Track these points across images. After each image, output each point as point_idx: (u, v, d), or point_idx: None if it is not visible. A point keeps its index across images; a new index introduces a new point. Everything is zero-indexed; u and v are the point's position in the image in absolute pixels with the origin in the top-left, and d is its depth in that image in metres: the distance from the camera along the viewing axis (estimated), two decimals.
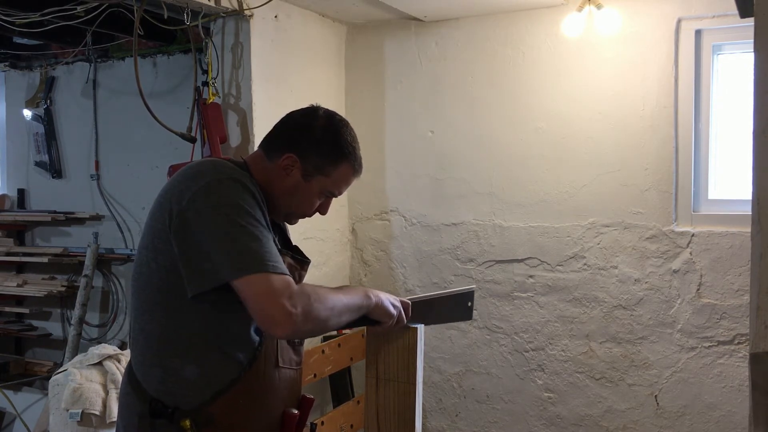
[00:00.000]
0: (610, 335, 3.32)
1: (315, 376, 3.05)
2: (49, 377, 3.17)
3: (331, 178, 1.68)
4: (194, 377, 1.55)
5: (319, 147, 1.66)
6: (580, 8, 3.13)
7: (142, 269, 1.59)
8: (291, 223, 1.80)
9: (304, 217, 1.76)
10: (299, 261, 1.76)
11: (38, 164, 4.26)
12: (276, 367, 1.65)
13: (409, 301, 1.76)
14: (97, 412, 2.93)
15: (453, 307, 1.92)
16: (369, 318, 1.66)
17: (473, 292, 1.95)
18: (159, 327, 1.57)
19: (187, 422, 1.52)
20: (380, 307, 1.65)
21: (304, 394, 1.78)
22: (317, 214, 1.77)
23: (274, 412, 1.67)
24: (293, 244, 1.84)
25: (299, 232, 3.31)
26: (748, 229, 1.42)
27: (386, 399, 1.80)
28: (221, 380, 1.56)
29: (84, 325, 3.83)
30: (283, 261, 1.69)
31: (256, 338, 1.60)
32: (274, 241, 1.60)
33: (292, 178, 1.66)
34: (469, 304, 1.94)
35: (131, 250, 3.87)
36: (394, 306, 1.69)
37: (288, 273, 1.49)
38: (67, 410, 2.91)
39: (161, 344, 1.57)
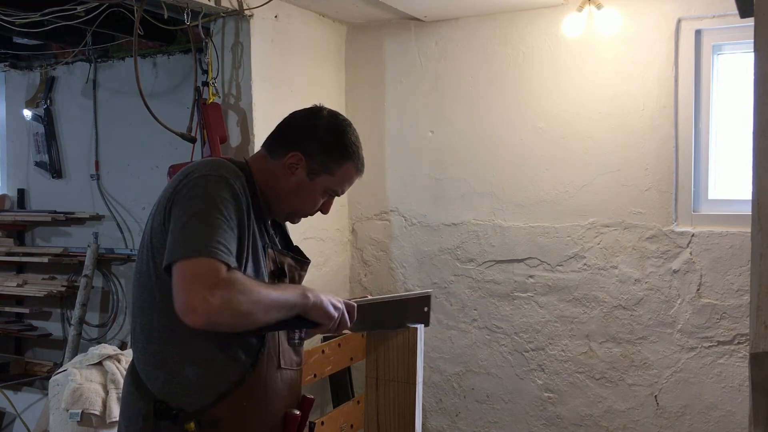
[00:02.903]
0: (610, 335, 3.32)
1: (315, 376, 3.05)
2: (49, 377, 3.17)
3: (335, 176, 1.69)
4: (197, 378, 1.55)
5: (324, 146, 1.67)
6: (580, 8, 3.13)
7: (142, 269, 1.59)
8: (293, 223, 1.80)
9: (306, 216, 1.76)
10: (299, 261, 1.76)
11: (38, 164, 4.26)
12: (278, 369, 1.65)
13: (355, 304, 1.67)
14: (97, 412, 2.93)
15: (407, 312, 1.82)
16: (306, 318, 1.57)
17: (430, 296, 1.86)
18: (160, 327, 1.57)
19: (192, 425, 1.52)
20: (318, 307, 1.56)
21: (305, 395, 1.78)
22: (318, 213, 1.77)
23: (277, 413, 1.67)
24: (294, 244, 1.85)
25: (299, 232, 3.31)
26: (748, 229, 1.42)
27: (386, 399, 1.80)
28: (224, 382, 1.56)
29: (84, 325, 3.83)
30: (283, 262, 1.69)
31: (258, 339, 1.60)
32: (274, 242, 1.60)
33: (296, 176, 1.66)
34: (426, 309, 1.84)
35: (131, 250, 3.87)
36: (335, 308, 1.59)
37: (225, 260, 1.42)
38: (67, 410, 2.91)
39: (162, 344, 1.57)
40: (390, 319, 1.80)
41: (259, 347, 1.60)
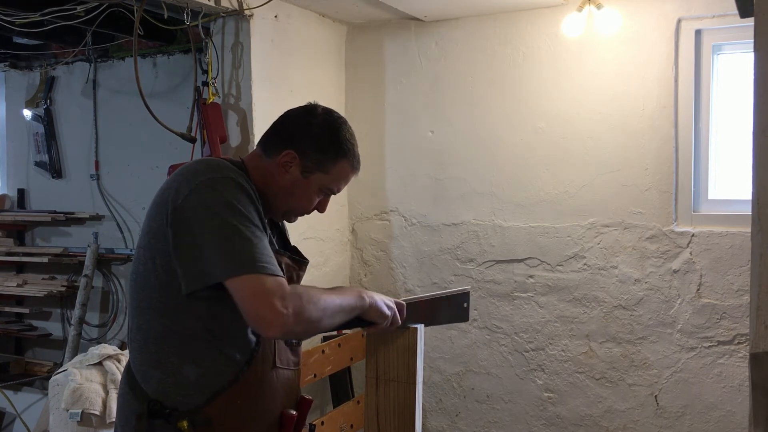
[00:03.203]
0: (610, 335, 3.32)
1: (315, 376, 3.05)
2: (49, 377, 3.17)
3: (330, 175, 1.69)
4: (192, 377, 1.55)
5: (318, 144, 1.66)
6: (580, 8, 3.13)
7: (139, 268, 1.59)
8: (290, 222, 1.80)
9: (302, 214, 1.76)
10: (297, 261, 1.76)
11: (38, 164, 4.26)
12: (274, 368, 1.65)
13: (404, 302, 1.75)
14: (97, 412, 2.93)
15: (449, 309, 1.91)
16: (363, 319, 1.66)
17: (468, 293, 1.93)
18: (156, 326, 1.56)
19: (185, 423, 1.52)
20: (374, 308, 1.65)
21: (303, 395, 1.78)
22: (315, 212, 1.77)
23: (272, 413, 1.66)
24: (292, 244, 1.85)
25: (299, 232, 3.31)
26: (748, 229, 1.42)
27: (386, 399, 1.80)
28: (219, 381, 1.56)
29: (84, 325, 3.83)
30: (281, 261, 1.69)
31: (254, 339, 1.59)
32: (271, 241, 1.60)
33: (291, 175, 1.66)
34: (465, 305, 1.92)
35: (131, 250, 3.87)
36: (388, 307, 1.68)
37: (281, 274, 1.49)
38: (67, 410, 2.91)
39: (158, 344, 1.57)
40: (434, 315, 1.87)
41: (254, 346, 1.60)
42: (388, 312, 1.67)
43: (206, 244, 1.47)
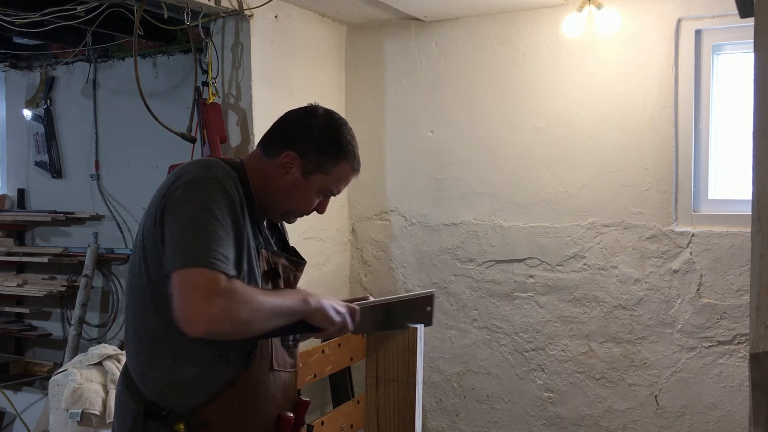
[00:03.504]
0: (610, 335, 3.32)
1: (315, 376, 3.05)
2: (49, 377, 3.17)
3: (330, 176, 1.68)
4: (188, 379, 1.54)
5: (319, 145, 1.65)
6: (580, 8, 3.13)
7: (135, 269, 1.59)
8: (289, 222, 1.80)
9: (302, 215, 1.75)
10: (294, 262, 1.75)
11: (38, 164, 4.26)
12: (270, 370, 1.64)
13: (357, 307, 1.66)
14: (97, 412, 2.93)
15: (410, 313, 1.81)
16: (308, 324, 1.56)
17: (433, 295, 1.85)
18: (152, 327, 1.56)
19: (181, 425, 1.52)
20: (320, 312, 1.55)
21: (300, 397, 1.77)
22: (315, 213, 1.76)
23: (269, 415, 1.66)
24: (291, 245, 1.84)
25: (299, 232, 3.31)
26: (748, 229, 1.42)
27: (386, 399, 1.80)
28: (215, 383, 1.55)
29: (84, 325, 3.83)
30: (277, 263, 1.68)
31: (250, 341, 1.59)
32: (269, 242, 1.59)
33: (291, 176, 1.65)
34: (429, 308, 1.83)
35: (131, 250, 3.86)
36: (338, 312, 1.58)
37: (227, 271, 1.43)
38: (67, 410, 2.91)
39: (154, 345, 1.56)
40: (393, 320, 1.79)
41: (251, 349, 1.59)
42: (336, 317, 1.58)
43: (168, 239, 1.47)
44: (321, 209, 1.76)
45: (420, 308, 1.83)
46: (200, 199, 1.48)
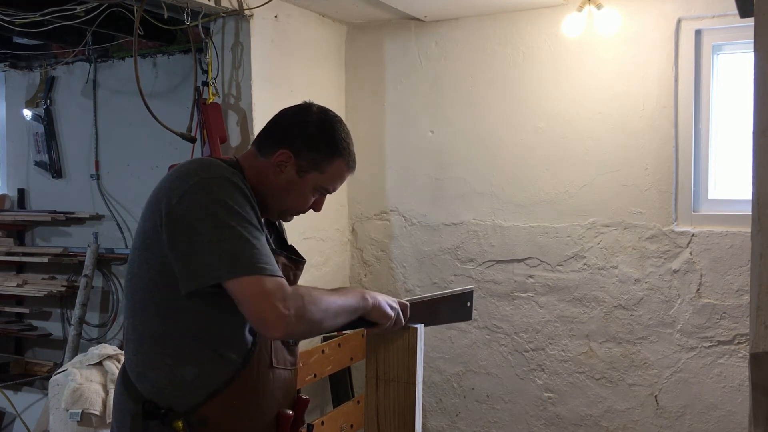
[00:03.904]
0: (610, 335, 3.32)
1: (315, 376, 3.05)
2: (49, 377, 3.17)
3: (325, 174, 1.68)
4: (187, 378, 1.54)
5: (313, 143, 1.65)
6: (580, 8, 3.13)
7: (134, 269, 1.59)
8: (285, 221, 1.80)
9: (298, 213, 1.75)
10: (294, 261, 1.76)
11: (38, 164, 4.26)
12: (270, 368, 1.64)
13: (408, 303, 1.75)
14: (97, 412, 2.93)
15: (452, 308, 1.91)
16: (366, 320, 1.65)
17: (472, 291, 1.93)
18: (151, 327, 1.56)
19: (180, 423, 1.52)
20: (377, 308, 1.64)
21: (300, 395, 1.78)
22: (312, 211, 1.76)
23: (269, 413, 1.66)
24: (289, 243, 1.84)
25: (299, 232, 3.31)
26: (748, 229, 1.42)
27: (386, 399, 1.80)
28: (214, 381, 1.55)
29: (84, 325, 3.83)
30: (277, 261, 1.69)
31: (250, 339, 1.59)
32: (268, 240, 1.59)
33: (286, 174, 1.65)
34: (468, 304, 1.92)
35: (130, 251, 3.86)
36: (391, 307, 1.68)
37: (280, 274, 1.48)
38: (67, 410, 2.91)
39: (154, 345, 1.56)
40: (438, 314, 1.88)
41: (250, 347, 1.59)
42: (391, 312, 1.67)
43: (204, 245, 1.46)
44: (317, 207, 1.76)
45: (461, 303, 1.92)
46: (220, 201, 1.48)
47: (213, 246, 1.45)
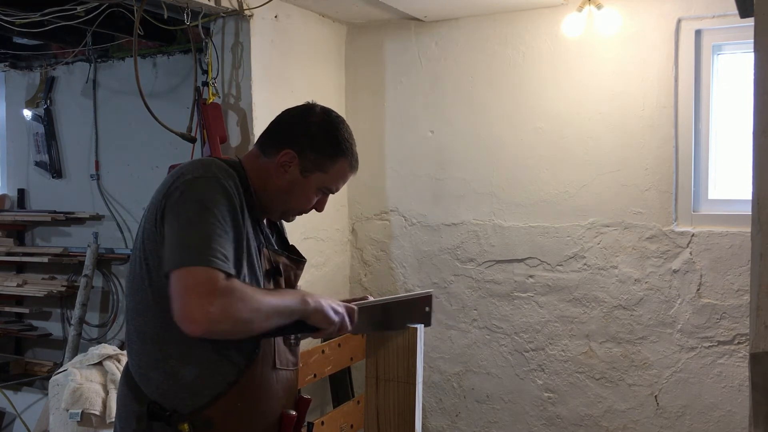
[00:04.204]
0: (610, 335, 3.32)
1: (315, 376, 3.05)
2: (49, 377, 3.17)
3: (328, 174, 1.68)
4: (191, 379, 1.54)
5: (317, 143, 1.65)
6: (580, 8, 3.13)
7: (135, 270, 1.59)
8: (288, 221, 1.80)
9: (301, 214, 1.75)
10: (294, 261, 1.75)
11: (38, 164, 4.26)
12: (273, 369, 1.64)
13: (355, 307, 1.66)
14: (97, 412, 2.93)
15: (408, 313, 1.82)
16: (307, 324, 1.57)
17: (431, 296, 1.86)
18: (154, 328, 1.56)
19: (186, 426, 1.52)
20: (319, 312, 1.56)
21: (302, 395, 1.78)
22: (314, 211, 1.76)
23: (272, 413, 1.66)
24: (290, 243, 1.84)
25: (299, 232, 3.31)
26: (748, 229, 1.42)
27: (386, 399, 1.80)
28: (218, 383, 1.55)
29: (84, 325, 3.83)
30: (278, 261, 1.69)
31: (253, 340, 1.59)
32: (248, 245, 1.57)
33: (289, 174, 1.65)
34: (427, 309, 1.84)
35: (131, 251, 3.86)
36: (336, 312, 1.59)
37: (226, 270, 1.43)
38: (67, 410, 2.91)
39: (156, 346, 1.56)
40: (391, 320, 1.79)
41: (254, 348, 1.59)
42: (334, 317, 1.58)
43: (168, 238, 1.47)
44: (320, 207, 1.76)
45: (419, 308, 1.84)
46: (200, 199, 1.48)
47: (173, 238, 1.46)
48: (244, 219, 1.54)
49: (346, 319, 1.62)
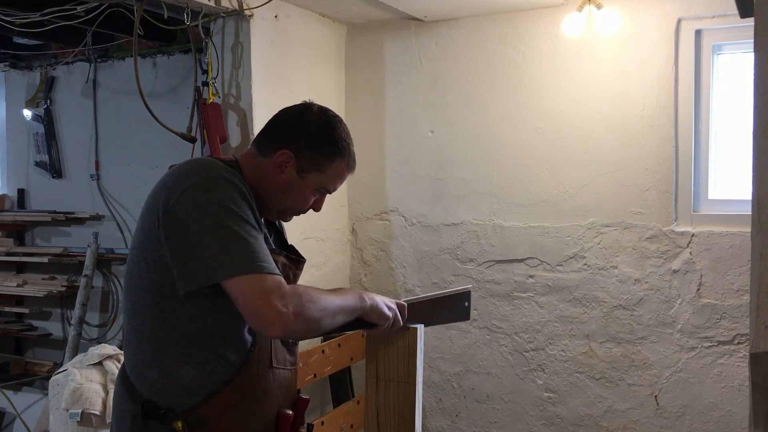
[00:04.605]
0: (610, 335, 3.32)
1: (315, 376, 3.05)
2: (49, 377, 3.17)
3: (325, 174, 1.68)
4: (187, 378, 1.54)
5: (314, 143, 1.65)
6: (580, 8, 3.13)
7: (133, 270, 1.58)
8: (285, 221, 1.80)
9: (298, 213, 1.75)
10: (294, 260, 1.76)
11: (38, 164, 4.26)
12: (270, 368, 1.64)
13: (405, 303, 1.74)
14: (97, 412, 2.93)
15: (450, 308, 1.90)
16: (364, 320, 1.65)
17: (470, 291, 1.93)
18: (151, 328, 1.56)
19: (180, 424, 1.52)
20: (375, 309, 1.64)
21: (300, 395, 1.78)
22: (311, 211, 1.76)
23: (269, 412, 1.66)
24: (289, 243, 1.84)
25: (299, 232, 3.31)
26: (748, 229, 1.42)
27: (386, 399, 1.80)
28: (214, 381, 1.55)
29: (84, 325, 3.83)
30: (277, 261, 1.69)
31: (249, 338, 1.59)
32: (267, 240, 1.59)
33: (286, 174, 1.65)
34: (466, 304, 1.92)
35: (129, 250, 3.86)
36: (389, 308, 1.67)
37: (278, 272, 1.48)
38: (67, 410, 2.91)
39: (153, 345, 1.56)
40: (436, 315, 1.87)
41: (250, 347, 1.59)
42: (389, 313, 1.67)
43: (202, 245, 1.46)
44: (317, 207, 1.76)
45: (459, 303, 1.92)
46: (217, 201, 1.48)
47: (210, 246, 1.45)
48: (256, 213, 1.56)
49: (398, 314, 1.70)
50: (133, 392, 1.58)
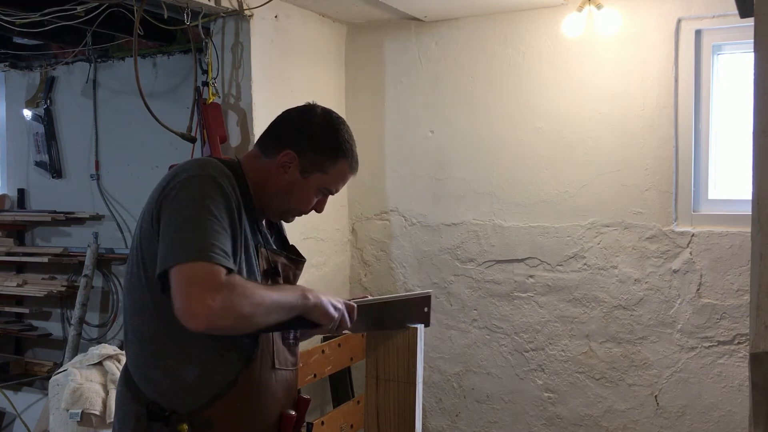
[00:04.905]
0: (610, 335, 3.32)
1: (315, 376, 3.05)
2: (49, 377, 3.17)
3: (328, 175, 1.68)
4: (189, 379, 1.54)
5: (317, 144, 1.66)
6: (580, 8, 3.13)
7: (132, 269, 1.59)
8: (287, 221, 1.80)
9: (300, 214, 1.75)
10: (293, 260, 1.75)
11: (38, 164, 4.26)
12: (272, 369, 1.64)
13: (355, 304, 1.66)
14: (97, 412, 2.93)
15: (408, 313, 1.82)
16: (306, 319, 1.56)
17: (430, 296, 1.86)
18: (152, 328, 1.56)
19: (185, 426, 1.51)
20: (319, 308, 1.56)
21: (301, 395, 1.78)
22: (314, 211, 1.76)
23: (272, 413, 1.66)
24: (290, 243, 1.84)
25: (299, 232, 3.31)
26: (748, 229, 1.43)
27: (386, 399, 1.80)
28: (217, 383, 1.55)
29: (84, 325, 3.83)
30: (277, 261, 1.69)
31: (252, 340, 1.59)
32: (247, 242, 1.57)
33: (289, 175, 1.65)
34: (426, 309, 1.84)
35: (129, 250, 3.86)
36: (335, 308, 1.59)
37: (226, 265, 1.42)
38: (67, 410, 2.91)
39: (155, 346, 1.56)
40: (390, 319, 1.79)
41: (252, 347, 1.59)
42: (334, 313, 1.59)
43: (165, 236, 1.46)
44: (319, 208, 1.76)
45: (418, 308, 1.84)
46: (196, 197, 1.48)
47: (170, 236, 1.45)
48: (240, 218, 1.54)
49: (346, 315, 1.63)
50: (136, 393, 1.57)
